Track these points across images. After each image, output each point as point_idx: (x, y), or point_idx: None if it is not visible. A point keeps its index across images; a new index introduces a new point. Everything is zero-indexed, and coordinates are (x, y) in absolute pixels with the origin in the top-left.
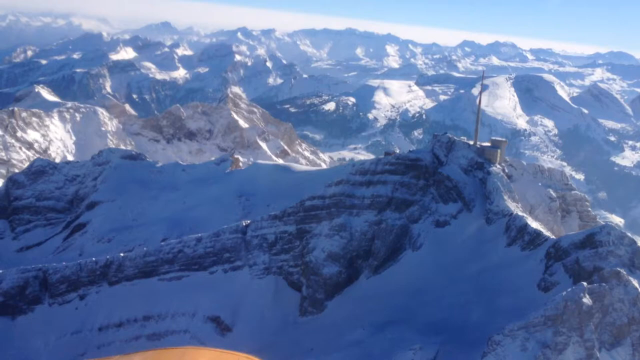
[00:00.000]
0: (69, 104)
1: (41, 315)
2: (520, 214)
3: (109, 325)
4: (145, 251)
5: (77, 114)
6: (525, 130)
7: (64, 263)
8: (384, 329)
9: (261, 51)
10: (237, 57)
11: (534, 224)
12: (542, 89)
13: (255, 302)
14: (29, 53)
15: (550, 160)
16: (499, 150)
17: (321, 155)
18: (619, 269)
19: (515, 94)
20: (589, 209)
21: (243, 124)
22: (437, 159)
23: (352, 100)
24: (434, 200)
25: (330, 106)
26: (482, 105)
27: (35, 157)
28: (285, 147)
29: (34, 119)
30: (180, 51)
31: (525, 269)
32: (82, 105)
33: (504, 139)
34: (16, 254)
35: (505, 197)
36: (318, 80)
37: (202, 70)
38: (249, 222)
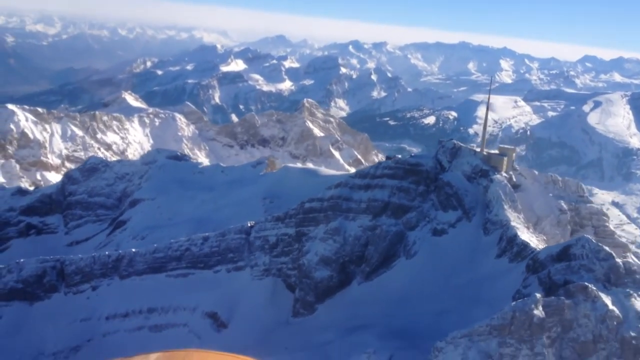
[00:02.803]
0: (150, 110)
1: (56, 302)
2: (513, 224)
3: (115, 315)
4: (155, 247)
5: (156, 119)
6: (639, 149)
7: (79, 255)
8: (352, 332)
9: (371, 64)
10: (343, 70)
11: (524, 235)
12: None
13: (252, 301)
14: (148, 64)
15: None
16: (505, 158)
17: None
18: (587, 284)
19: (630, 112)
20: (607, 224)
21: (318, 132)
22: (439, 165)
23: (453, 114)
24: (433, 207)
25: (430, 120)
26: (593, 123)
27: (113, 159)
28: (359, 157)
29: (114, 122)
30: (287, 63)
31: (508, 281)
32: (161, 111)
33: (512, 147)
34: (66, 248)
35: (506, 207)
36: (422, 94)
37: (308, 82)
38: (253, 223)
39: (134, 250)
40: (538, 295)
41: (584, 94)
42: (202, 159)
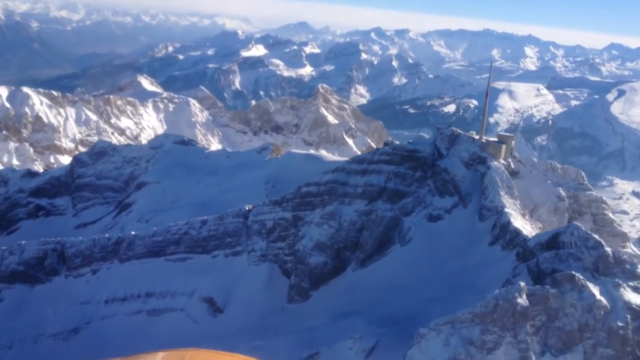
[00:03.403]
0: (165, 94)
1: (57, 285)
2: (507, 211)
3: (114, 298)
4: (155, 231)
5: (170, 104)
6: None
7: (80, 238)
8: (341, 318)
9: (393, 51)
10: (363, 56)
11: (517, 222)
12: None
13: (248, 287)
14: (170, 49)
15: None
16: (503, 146)
17: None
18: (574, 272)
19: None
20: (606, 211)
21: (332, 119)
22: (437, 151)
23: (474, 102)
24: (430, 192)
25: (450, 108)
26: (616, 113)
27: (126, 143)
28: (373, 145)
29: (128, 107)
30: (308, 49)
31: (499, 268)
32: (175, 96)
33: (511, 135)
34: (74, 230)
35: (502, 193)
36: (443, 81)
37: (328, 68)
38: (252, 206)
39: (133, 233)
40: (522, 283)
41: (608, 82)
42: (215, 144)
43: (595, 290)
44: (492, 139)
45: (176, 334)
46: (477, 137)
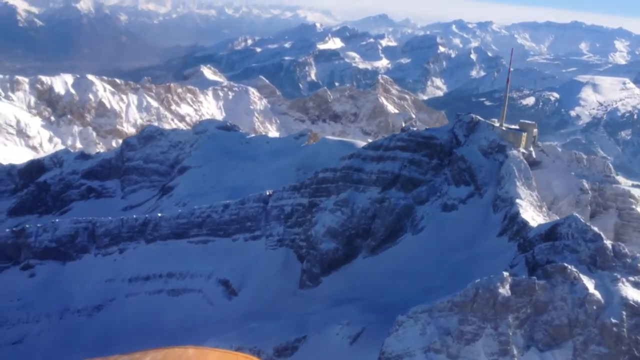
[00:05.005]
0: (225, 83)
1: (86, 263)
2: (518, 201)
3: (138, 277)
4: (179, 213)
5: (230, 93)
6: None
7: (109, 218)
8: (338, 305)
9: (475, 44)
10: (441, 49)
11: (526, 214)
12: None
13: (263, 271)
14: (249, 42)
15: None
16: (524, 134)
17: None
18: (566, 264)
19: None
20: (633, 206)
21: (392, 109)
22: (455, 139)
23: (555, 95)
24: (446, 181)
25: (529, 101)
26: None
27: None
28: None
29: (188, 95)
30: (385, 42)
31: (503, 259)
32: (235, 85)
33: (532, 122)
34: (121, 212)
35: (518, 184)
36: (524, 74)
37: (405, 61)
38: (272, 191)
39: (160, 215)
40: (505, 273)
41: None
42: (273, 132)
43: (589, 283)
44: (513, 126)
45: (192, 314)
46: (497, 124)
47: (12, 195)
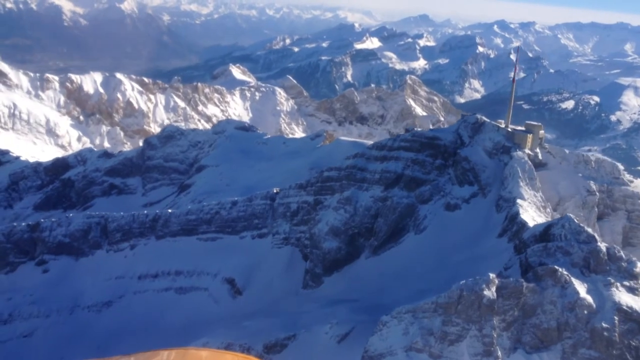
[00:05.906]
0: (253, 83)
1: (98, 259)
2: (519, 202)
3: (147, 275)
4: (189, 209)
5: (257, 93)
6: None
7: (121, 213)
8: (331, 305)
9: (516, 44)
10: (480, 49)
11: (526, 215)
12: None
13: (269, 270)
14: (287, 41)
15: None
16: (530, 135)
17: None
18: (557, 267)
19: None
20: None
21: (420, 111)
22: (460, 140)
23: (595, 99)
24: (450, 181)
25: (569, 104)
26: None
27: None
28: None
29: (215, 95)
30: (422, 42)
31: (500, 260)
32: (262, 85)
33: (538, 124)
34: (142, 208)
35: (522, 184)
36: (564, 76)
37: (442, 61)
38: (279, 189)
39: (170, 211)
40: (492, 275)
41: None
42: (299, 134)
43: (580, 287)
44: (518, 127)
45: (197, 313)
46: (503, 125)
47: (38, 191)
